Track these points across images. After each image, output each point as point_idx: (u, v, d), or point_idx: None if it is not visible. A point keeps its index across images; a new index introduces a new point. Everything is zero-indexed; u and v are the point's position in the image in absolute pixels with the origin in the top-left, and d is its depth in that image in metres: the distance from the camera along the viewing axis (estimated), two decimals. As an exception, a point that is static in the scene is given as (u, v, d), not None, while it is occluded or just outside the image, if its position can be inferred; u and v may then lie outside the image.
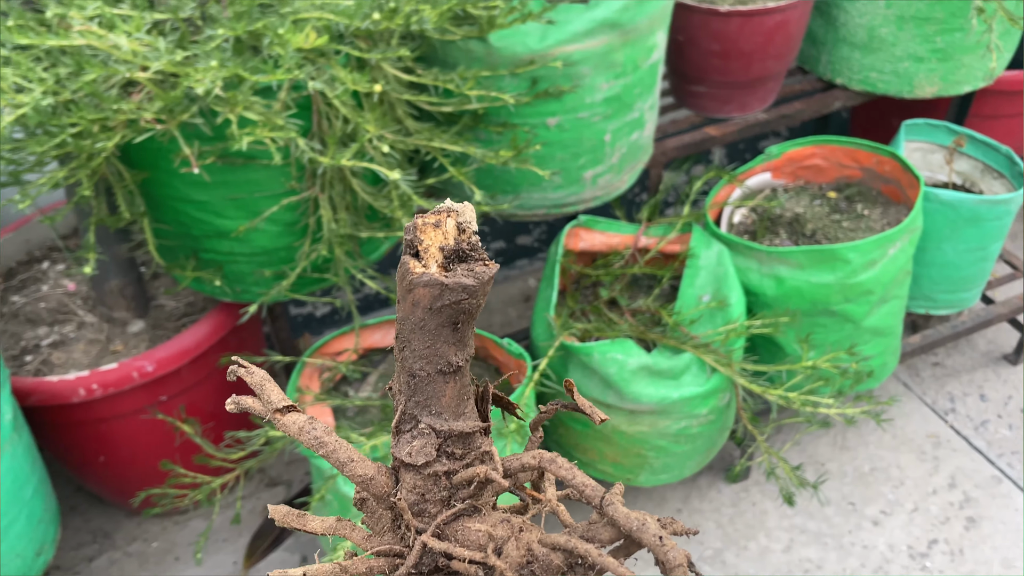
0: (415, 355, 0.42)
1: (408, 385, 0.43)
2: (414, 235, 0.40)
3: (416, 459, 0.44)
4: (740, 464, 1.58)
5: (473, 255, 0.40)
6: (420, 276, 0.39)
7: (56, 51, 1.12)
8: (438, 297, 0.39)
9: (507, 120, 1.33)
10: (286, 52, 1.05)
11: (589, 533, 0.44)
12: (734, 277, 1.46)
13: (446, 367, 0.42)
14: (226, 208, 1.25)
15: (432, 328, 0.41)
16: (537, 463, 0.45)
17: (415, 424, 0.44)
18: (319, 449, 0.44)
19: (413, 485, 0.44)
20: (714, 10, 1.56)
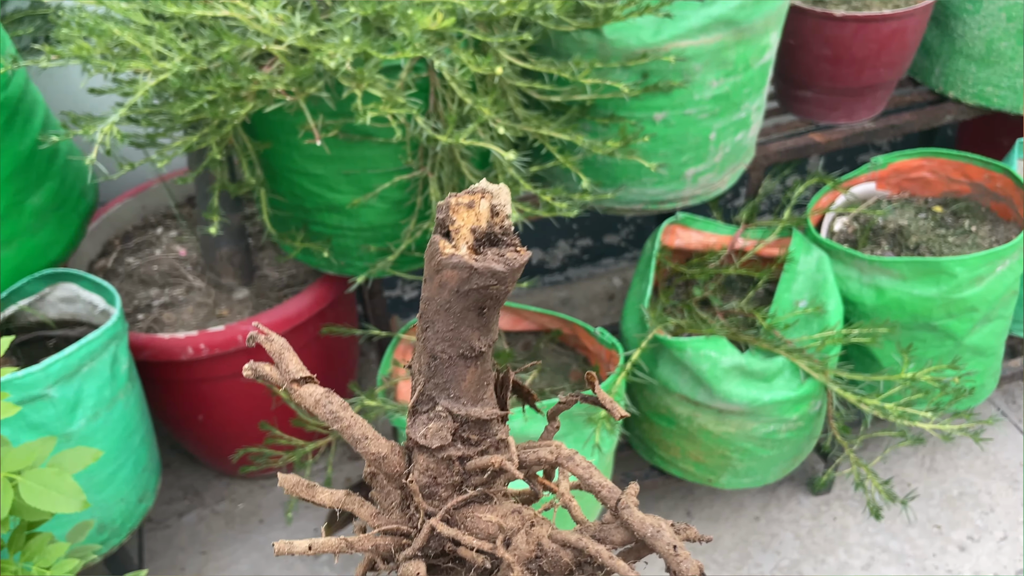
0: (438, 336, 0.41)
1: (428, 366, 0.42)
2: (446, 214, 0.39)
3: (431, 442, 0.43)
4: (827, 473, 1.56)
5: (505, 240, 0.39)
6: (449, 257, 0.38)
7: (195, 23, 1.18)
8: (466, 280, 0.38)
9: (614, 112, 1.34)
10: (412, 32, 1.09)
11: (601, 533, 0.43)
12: (833, 284, 1.44)
13: (468, 351, 0.41)
14: (339, 182, 1.30)
15: (457, 311, 0.40)
16: (554, 458, 0.44)
17: (432, 406, 0.43)
18: (334, 423, 0.44)
19: (426, 467, 0.44)
20: (828, 14, 1.54)
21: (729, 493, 1.75)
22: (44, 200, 1.35)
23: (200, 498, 1.80)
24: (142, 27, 1.14)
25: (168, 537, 1.72)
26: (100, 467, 1.26)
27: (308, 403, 0.45)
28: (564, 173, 1.43)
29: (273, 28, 1.07)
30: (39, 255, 1.35)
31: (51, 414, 1.18)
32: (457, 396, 0.43)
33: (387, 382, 1.42)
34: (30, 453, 0.90)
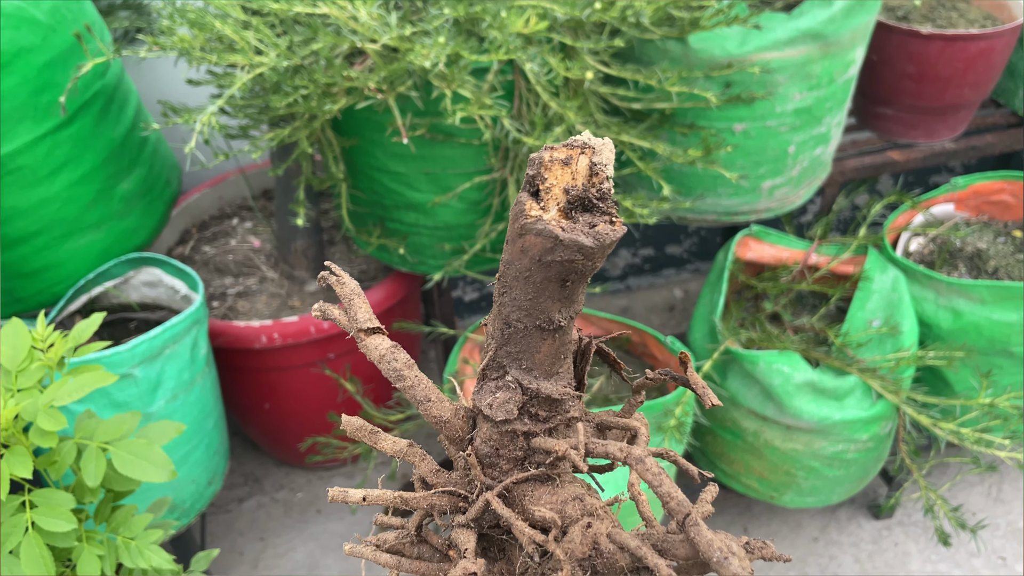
0: (514, 304, 0.38)
1: (502, 333, 0.39)
2: (538, 170, 0.35)
3: (495, 414, 0.40)
4: (895, 497, 1.53)
5: (600, 206, 0.35)
6: (534, 222, 0.34)
7: (290, 19, 1.21)
8: (549, 251, 0.34)
9: (694, 122, 1.34)
10: (503, 35, 1.10)
11: (664, 544, 0.40)
12: (909, 305, 1.41)
13: (546, 323, 0.38)
14: (419, 181, 1.31)
15: (537, 281, 0.36)
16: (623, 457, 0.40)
17: (502, 374, 0.40)
18: (398, 382, 0.41)
19: (488, 437, 0.41)
20: (914, 31, 1.52)
21: (788, 512, 1.73)
22: (133, 186, 1.39)
23: (260, 485, 1.83)
24: (240, 22, 1.18)
25: (228, 522, 1.76)
26: (175, 447, 1.29)
27: (373, 356, 0.42)
28: (638, 180, 1.44)
29: (369, 27, 1.10)
30: (126, 239, 1.40)
31: (134, 393, 1.21)
32: (529, 368, 0.40)
33: (453, 380, 1.43)
34: (120, 425, 0.93)
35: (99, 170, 1.32)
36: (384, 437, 0.44)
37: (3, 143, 1.21)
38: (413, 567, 0.45)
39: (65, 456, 0.90)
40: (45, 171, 1.26)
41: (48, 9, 1.21)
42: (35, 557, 0.86)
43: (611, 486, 1.22)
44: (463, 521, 0.43)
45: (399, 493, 0.43)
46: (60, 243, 1.31)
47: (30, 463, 0.86)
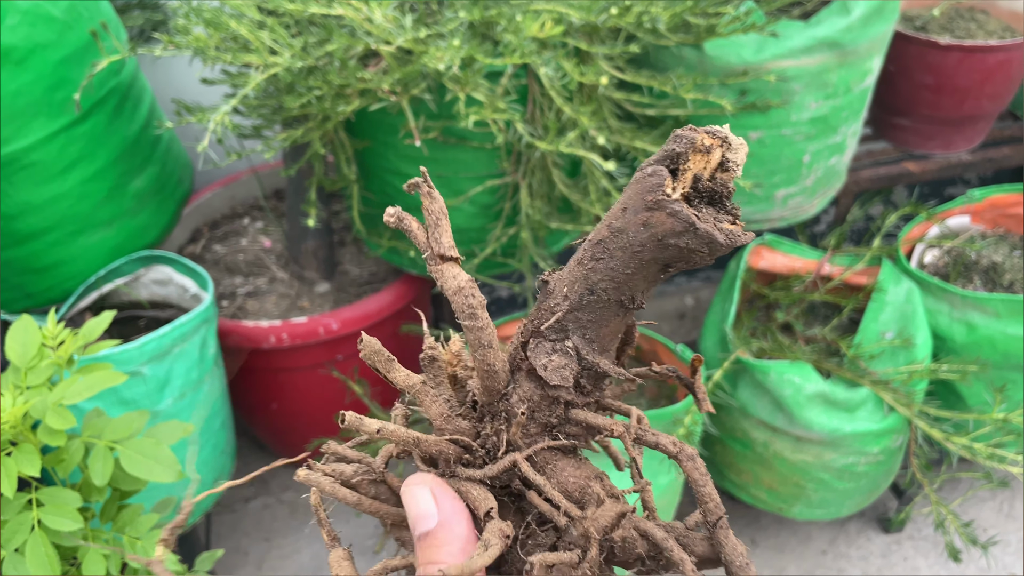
0: (608, 274, 0.36)
1: (580, 298, 0.38)
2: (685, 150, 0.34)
3: (550, 377, 0.39)
4: (905, 511, 1.51)
5: (724, 203, 0.35)
6: (672, 201, 0.33)
7: (305, 20, 1.21)
8: (678, 235, 0.34)
9: (709, 129, 1.33)
10: (518, 39, 1.10)
11: (684, 540, 0.40)
12: (923, 317, 1.40)
13: (629, 301, 0.37)
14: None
15: (646, 259, 0.35)
16: (675, 452, 0.40)
17: (563, 338, 0.39)
18: (470, 319, 0.39)
19: (529, 396, 0.40)
20: (933, 42, 1.51)
21: (796, 524, 1.71)
22: (146, 184, 1.39)
23: (266, 486, 1.83)
24: (255, 22, 1.18)
25: (234, 522, 1.76)
26: (182, 446, 1.29)
27: (449, 286, 0.39)
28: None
29: (384, 29, 1.09)
30: (137, 237, 1.40)
31: (142, 391, 1.21)
32: (591, 340, 0.38)
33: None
34: (128, 424, 0.93)
35: (112, 167, 1.32)
36: (399, 368, 0.42)
37: (17, 139, 1.22)
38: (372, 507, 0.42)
39: (73, 455, 0.90)
40: (58, 167, 1.26)
41: (65, 6, 1.22)
42: (40, 556, 0.86)
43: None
44: (478, 476, 0.41)
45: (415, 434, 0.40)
46: (72, 239, 1.31)
47: (38, 461, 0.86)
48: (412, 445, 0.40)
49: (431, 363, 0.43)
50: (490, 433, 0.41)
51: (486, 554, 0.36)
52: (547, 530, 0.41)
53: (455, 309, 0.39)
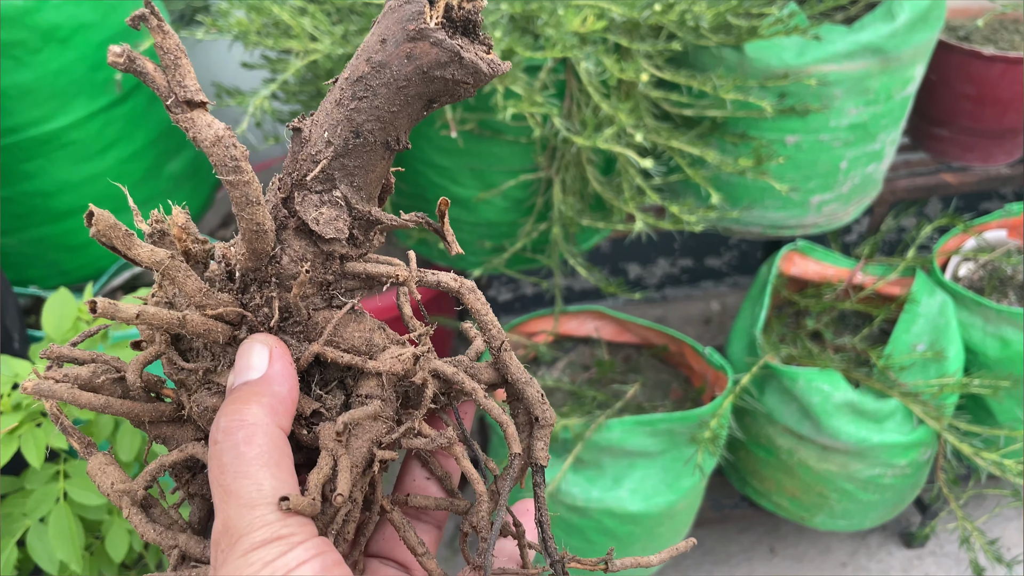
0: (373, 113, 0.34)
1: (345, 142, 0.35)
2: None
3: (324, 230, 0.36)
4: (930, 526, 1.49)
5: (477, 33, 0.34)
6: (434, 30, 0.32)
7: (345, 8, 1.21)
8: (443, 65, 0.33)
9: (746, 132, 1.32)
10: (559, 33, 1.09)
11: (472, 371, 0.41)
12: (956, 330, 1.38)
13: (395, 143, 0.36)
14: (464, 176, 1.31)
15: (411, 94, 0.34)
16: (457, 287, 0.39)
17: (330, 188, 0.36)
18: (233, 173, 0.35)
19: (301, 255, 0.37)
20: (976, 52, 1.49)
21: (816, 534, 1.70)
22: (181, 167, 1.40)
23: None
24: (296, 8, 1.18)
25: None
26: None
27: (204, 136, 0.34)
28: (684, 188, 1.42)
29: (425, 18, 1.09)
30: (171, 219, 1.41)
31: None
32: (359, 187, 0.36)
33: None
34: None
35: (149, 149, 1.34)
36: (139, 243, 0.37)
37: (58, 117, 1.23)
38: (124, 407, 0.38)
39: (102, 428, 0.91)
40: (97, 147, 1.27)
41: (110, -13, 1.23)
42: (64, 527, 0.86)
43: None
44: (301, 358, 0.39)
45: (177, 314, 0.37)
46: (107, 219, 1.33)
47: (67, 433, 0.86)
48: (177, 327, 0.36)
49: (162, 238, 0.40)
50: (260, 303, 0.38)
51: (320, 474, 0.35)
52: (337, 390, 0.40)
53: (214, 162, 0.35)
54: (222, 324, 0.38)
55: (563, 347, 1.55)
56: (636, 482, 1.25)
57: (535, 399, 0.40)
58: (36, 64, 1.19)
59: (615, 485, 1.25)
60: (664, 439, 1.24)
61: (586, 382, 1.47)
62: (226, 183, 0.35)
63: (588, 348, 1.54)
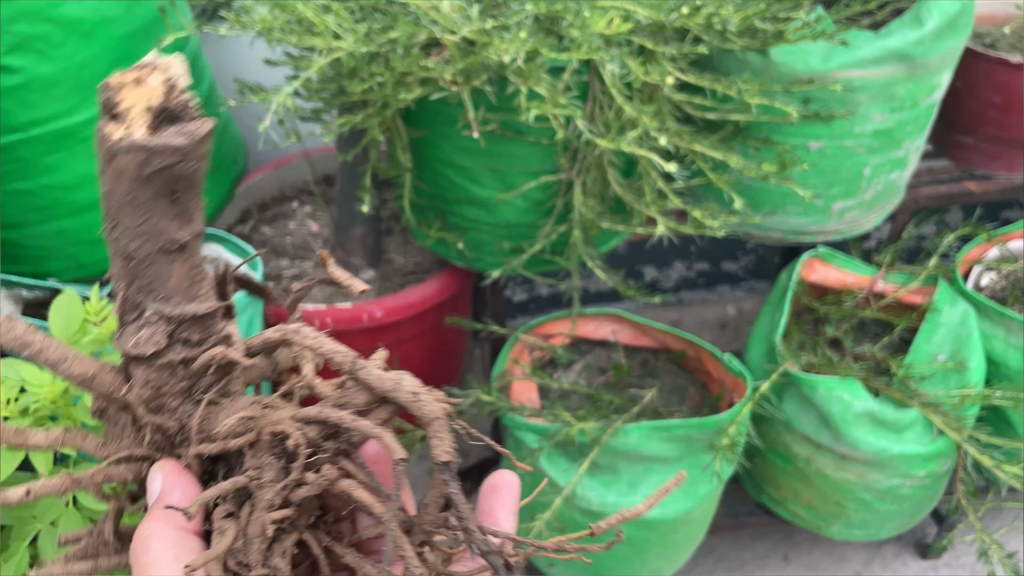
0: (129, 234, 0.36)
1: (126, 269, 0.37)
2: (110, 94, 0.34)
3: (144, 349, 0.38)
4: (948, 538, 1.48)
5: (186, 115, 0.35)
6: (120, 141, 0.33)
7: (369, 6, 1.21)
8: (144, 163, 0.34)
9: (769, 136, 1.31)
10: (584, 35, 1.08)
11: (343, 400, 0.40)
12: (978, 341, 1.36)
13: (169, 244, 0.37)
14: (484, 177, 1.30)
15: (145, 201, 0.35)
16: (280, 336, 0.41)
17: (140, 313, 0.38)
18: (23, 349, 0.37)
19: (146, 379, 0.39)
20: (1003, 60, 1.47)
21: (831, 543, 1.68)
22: (201, 162, 1.40)
23: (299, 469, 1.84)
24: (320, 6, 1.18)
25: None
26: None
27: None
28: (705, 192, 1.41)
29: (450, 18, 1.09)
30: (190, 214, 1.41)
31: (188, 367, 1.22)
32: (167, 297, 0.38)
33: (501, 379, 1.42)
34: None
35: (170, 144, 1.34)
36: (33, 433, 0.40)
37: (81, 110, 1.23)
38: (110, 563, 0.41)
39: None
40: (119, 141, 1.28)
41: (134, -19, 1.23)
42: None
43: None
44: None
45: (68, 473, 0.39)
46: (127, 213, 1.33)
47: (81, 433, 0.86)
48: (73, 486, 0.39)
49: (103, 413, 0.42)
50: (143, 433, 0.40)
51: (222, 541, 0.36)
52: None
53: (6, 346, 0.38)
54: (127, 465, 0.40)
55: (579, 350, 1.54)
56: (652, 488, 1.24)
57: (408, 400, 0.39)
58: (59, 58, 1.20)
59: (631, 490, 1.24)
60: (681, 445, 1.23)
61: (603, 386, 1.46)
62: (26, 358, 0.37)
63: (605, 351, 1.53)
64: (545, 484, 1.28)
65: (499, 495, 0.42)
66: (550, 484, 1.27)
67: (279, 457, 0.39)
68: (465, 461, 1.86)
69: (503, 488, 0.42)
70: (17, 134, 1.22)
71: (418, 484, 1.80)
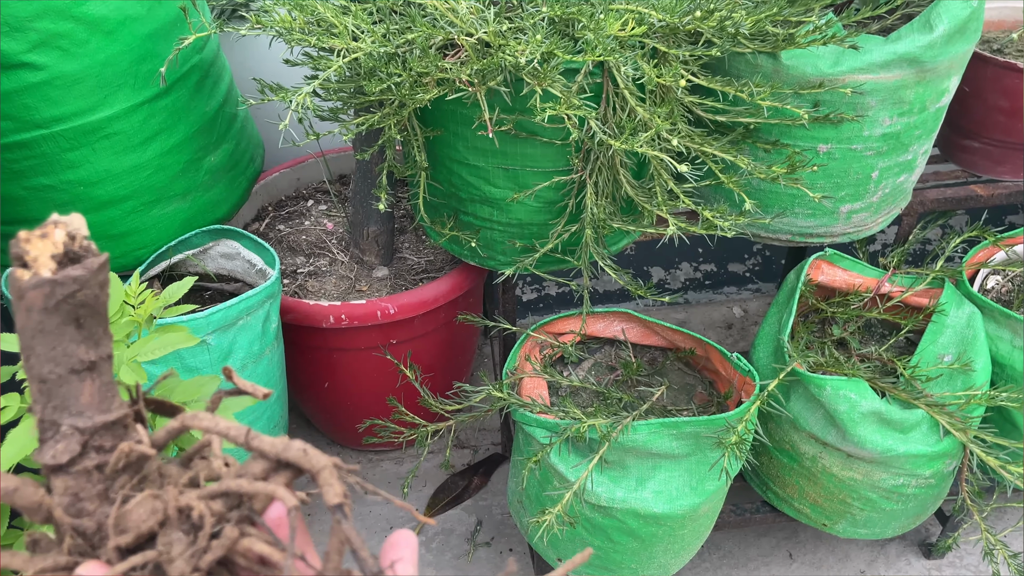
0: (41, 360, 0.39)
1: (41, 392, 0.40)
2: (20, 248, 0.38)
3: (60, 458, 0.40)
4: (953, 538, 1.49)
5: (87, 255, 0.39)
6: (28, 280, 0.37)
7: (387, 8, 1.23)
8: (50, 295, 0.37)
9: (778, 139, 1.33)
10: (598, 37, 1.10)
11: (243, 470, 0.42)
12: (983, 343, 1.38)
13: (78, 365, 0.40)
14: (497, 177, 1.33)
15: (53, 329, 0.39)
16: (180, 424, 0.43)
17: (56, 430, 0.41)
18: None
19: (64, 488, 0.42)
20: (1011, 65, 1.49)
21: (835, 542, 1.70)
22: (220, 160, 1.43)
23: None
24: (339, 7, 1.20)
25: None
26: (238, 417, 1.32)
27: None
28: (715, 193, 1.43)
29: (467, 20, 1.11)
30: (208, 211, 1.43)
31: (206, 360, 1.24)
32: (80, 412, 0.41)
33: (512, 376, 1.44)
34: (199, 386, 0.96)
35: (190, 142, 1.36)
36: None
37: (103, 107, 1.26)
38: None
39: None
40: (140, 138, 1.30)
41: (158, -18, 1.25)
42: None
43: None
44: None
45: None
46: (147, 209, 1.36)
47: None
48: None
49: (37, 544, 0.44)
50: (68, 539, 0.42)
51: None
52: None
53: None
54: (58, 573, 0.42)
55: (589, 348, 1.56)
56: (660, 484, 1.26)
57: (298, 458, 0.41)
58: (83, 55, 1.22)
59: (639, 486, 1.26)
60: (689, 442, 1.25)
61: (612, 383, 1.48)
62: None
63: (614, 349, 1.55)
64: (554, 480, 1.30)
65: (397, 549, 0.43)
66: (559, 479, 1.29)
67: (187, 532, 0.41)
68: (474, 456, 1.88)
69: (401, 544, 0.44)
70: (40, 130, 1.24)
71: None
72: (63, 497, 0.42)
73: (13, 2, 1.16)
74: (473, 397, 1.41)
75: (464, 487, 1.80)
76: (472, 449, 1.90)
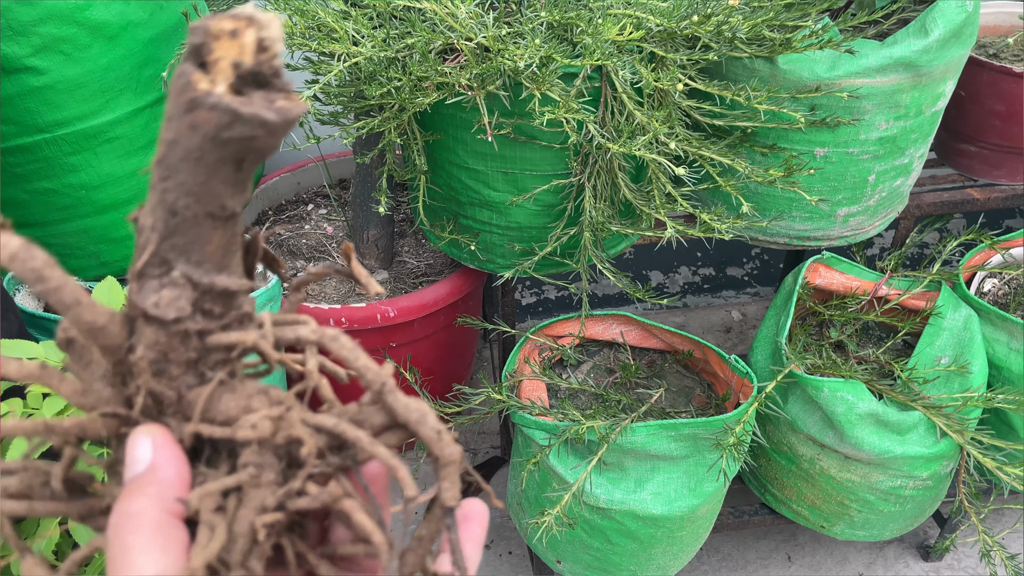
0: (182, 189, 0.34)
1: (166, 223, 0.35)
2: (204, 39, 0.31)
3: (165, 312, 0.36)
4: (951, 539, 1.50)
5: (274, 82, 0.32)
6: (206, 95, 0.31)
7: (387, 13, 1.24)
8: (226, 127, 0.32)
9: (775, 142, 1.34)
10: (597, 41, 1.11)
11: (360, 416, 0.38)
12: (980, 345, 1.39)
13: (219, 210, 0.35)
14: (496, 180, 1.33)
15: (211, 162, 0.33)
16: (317, 339, 0.38)
17: (167, 270, 0.36)
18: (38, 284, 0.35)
19: (154, 341, 0.37)
20: (1007, 69, 1.50)
21: (834, 544, 1.71)
22: (220, 164, 1.43)
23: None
24: (340, 12, 1.21)
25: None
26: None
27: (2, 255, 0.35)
28: (712, 197, 1.44)
29: (466, 25, 1.12)
30: (209, 214, 1.44)
31: (206, 362, 1.25)
32: (200, 261, 0.36)
33: (511, 378, 1.44)
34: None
35: (190, 145, 1.37)
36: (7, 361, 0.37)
37: (105, 112, 1.27)
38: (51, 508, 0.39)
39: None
40: (141, 142, 1.31)
41: (159, -13, 1.26)
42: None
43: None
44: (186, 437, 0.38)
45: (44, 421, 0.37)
46: (148, 212, 1.36)
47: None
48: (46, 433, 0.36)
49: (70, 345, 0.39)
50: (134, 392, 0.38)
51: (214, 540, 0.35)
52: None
53: (18, 276, 0.35)
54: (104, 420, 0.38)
55: (588, 350, 1.57)
56: (659, 485, 1.27)
57: (430, 438, 0.37)
58: (85, 60, 1.23)
59: (638, 487, 1.27)
60: (688, 444, 1.25)
61: (611, 385, 1.49)
62: (38, 293, 0.35)
63: (612, 352, 1.56)
64: (554, 481, 1.30)
65: (469, 525, 0.40)
66: (558, 481, 1.30)
67: (279, 458, 0.37)
68: (473, 460, 1.89)
69: (474, 519, 0.40)
70: (43, 134, 1.25)
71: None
72: (149, 351, 0.36)
73: (16, 6, 1.17)
74: (472, 400, 1.42)
75: (463, 490, 1.80)
76: (471, 452, 1.90)
